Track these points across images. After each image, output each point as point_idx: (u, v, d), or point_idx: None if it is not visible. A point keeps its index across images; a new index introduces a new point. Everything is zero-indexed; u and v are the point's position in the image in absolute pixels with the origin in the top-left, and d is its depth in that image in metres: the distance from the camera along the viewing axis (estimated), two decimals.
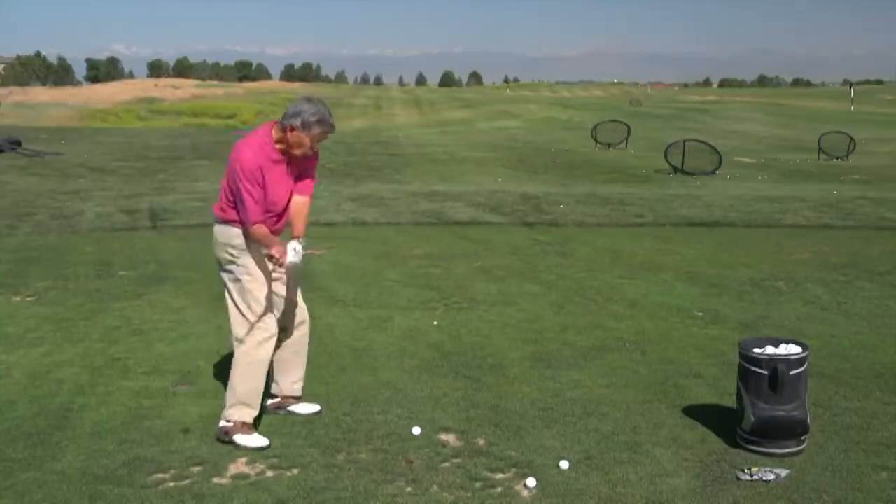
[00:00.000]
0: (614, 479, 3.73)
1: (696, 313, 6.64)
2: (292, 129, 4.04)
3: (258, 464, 3.89)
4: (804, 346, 4.14)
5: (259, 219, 4.05)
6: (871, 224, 11.86)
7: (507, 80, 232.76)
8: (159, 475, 3.77)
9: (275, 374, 4.48)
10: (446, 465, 3.88)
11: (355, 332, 6.07)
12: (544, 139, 31.79)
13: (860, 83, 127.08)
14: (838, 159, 24.41)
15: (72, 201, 13.21)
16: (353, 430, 4.28)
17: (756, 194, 15.18)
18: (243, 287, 4.17)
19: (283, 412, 4.48)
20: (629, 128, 29.13)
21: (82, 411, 4.53)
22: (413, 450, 4.03)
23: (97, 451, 4.01)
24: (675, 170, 19.52)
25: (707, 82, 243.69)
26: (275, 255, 4.05)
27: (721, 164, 19.90)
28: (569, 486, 3.67)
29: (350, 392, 4.83)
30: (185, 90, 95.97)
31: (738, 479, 3.73)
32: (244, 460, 3.93)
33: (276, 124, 4.14)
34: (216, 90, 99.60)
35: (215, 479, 3.73)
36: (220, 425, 4.16)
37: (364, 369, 5.24)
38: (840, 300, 7.13)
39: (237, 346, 4.20)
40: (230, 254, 4.18)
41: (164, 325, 6.23)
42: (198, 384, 4.97)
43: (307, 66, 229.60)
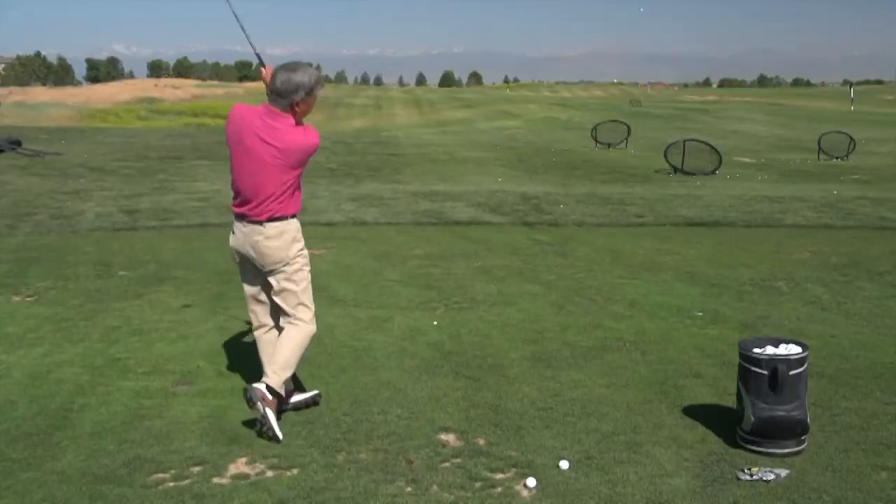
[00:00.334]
0: (614, 479, 3.73)
1: (696, 313, 6.64)
2: (297, 104, 4.16)
3: (258, 464, 3.89)
4: (804, 346, 4.14)
5: None
6: (871, 224, 11.86)
7: (507, 80, 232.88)
8: (159, 475, 3.77)
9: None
10: (446, 465, 3.88)
11: (355, 332, 6.07)
12: (544, 139, 31.78)
13: (860, 83, 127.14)
14: (838, 159, 24.41)
15: (72, 201, 13.21)
16: (353, 430, 4.28)
17: (756, 194, 15.18)
18: (307, 275, 4.40)
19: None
20: (629, 128, 29.13)
21: (82, 411, 4.53)
22: (413, 450, 4.03)
23: (97, 451, 4.01)
24: (675, 170, 19.52)
25: (707, 82, 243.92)
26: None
27: (721, 164, 19.91)
28: (569, 486, 3.67)
29: (350, 392, 4.83)
30: (185, 90, 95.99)
31: (738, 479, 3.73)
32: (244, 460, 3.93)
33: (270, 107, 4.20)
34: (216, 90, 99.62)
35: (215, 479, 3.73)
36: (279, 390, 4.22)
37: (364, 369, 5.24)
38: (840, 300, 7.13)
39: (299, 325, 4.35)
40: (298, 248, 4.34)
41: (164, 325, 6.22)
42: (198, 384, 4.97)
43: None
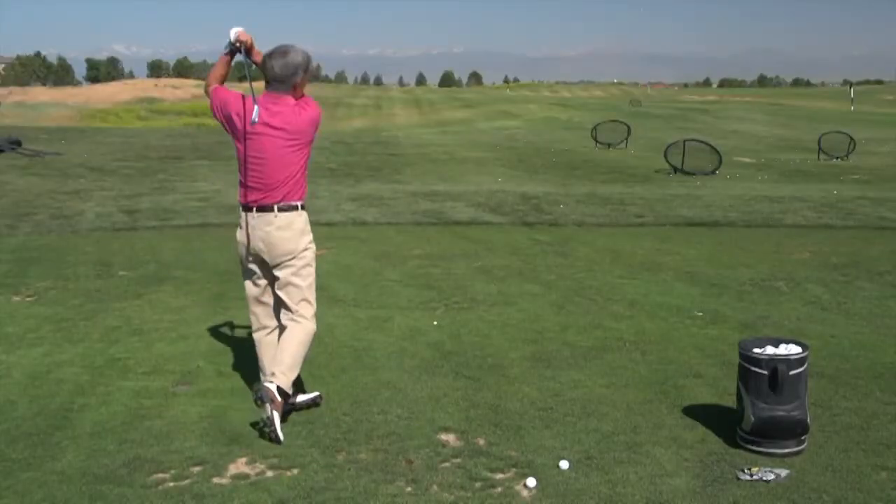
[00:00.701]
0: (614, 479, 3.73)
1: (696, 313, 6.64)
2: (298, 84, 4.20)
3: (258, 464, 3.89)
4: (804, 346, 4.14)
5: None
6: (871, 224, 11.86)
7: (507, 80, 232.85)
8: (159, 475, 3.77)
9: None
10: (446, 465, 3.88)
11: (355, 332, 6.07)
12: (544, 139, 31.77)
13: (860, 83, 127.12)
14: (838, 159, 24.41)
15: (72, 201, 13.21)
16: (353, 430, 4.28)
17: (756, 194, 15.17)
18: (313, 272, 4.39)
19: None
20: (629, 128, 29.12)
21: (82, 411, 4.53)
22: (413, 450, 4.03)
23: (97, 451, 4.01)
24: (675, 170, 19.52)
25: (707, 82, 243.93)
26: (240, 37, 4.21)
27: (721, 164, 19.91)
28: (569, 486, 3.67)
29: (350, 392, 4.83)
30: (185, 90, 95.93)
31: (738, 479, 3.73)
32: (244, 460, 3.93)
33: (269, 94, 4.22)
34: None
35: (215, 479, 3.73)
36: (287, 391, 4.23)
37: (364, 369, 5.24)
38: (840, 300, 7.13)
39: (302, 322, 4.33)
40: (307, 240, 4.35)
41: (164, 325, 6.22)
42: (198, 384, 4.97)
43: None
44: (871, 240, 10.47)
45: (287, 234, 4.26)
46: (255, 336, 4.56)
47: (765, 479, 3.71)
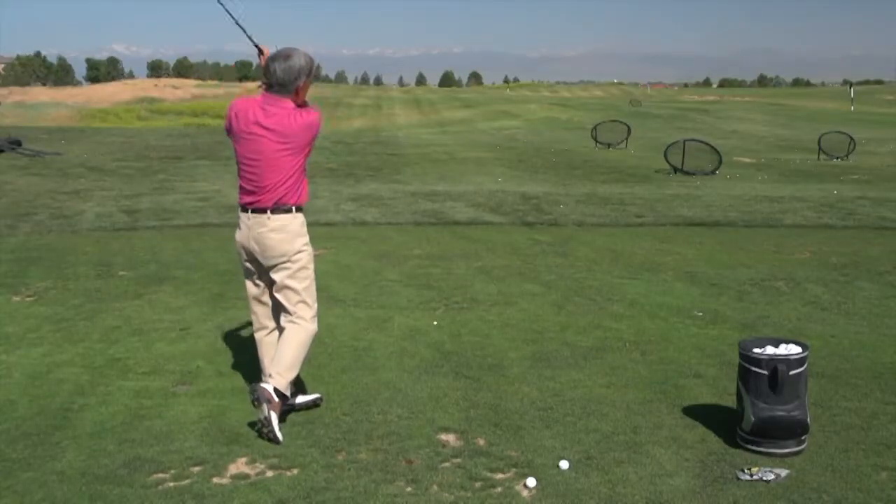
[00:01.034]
0: (614, 479, 3.73)
1: (696, 313, 6.64)
2: (299, 88, 4.19)
3: (258, 464, 3.89)
4: (804, 346, 4.14)
5: None
6: (871, 224, 11.85)
7: (506, 80, 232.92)
8: (159, 475, 3.77)
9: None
10: (446, 465, 3.88)
11: (355, 332, 6.07)
12: (544, 139, 31.78)
13: (860, 83, 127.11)
14: (838, 159, 24.40)
15: (72, 201, 13.21)
16: (353, 430, 4.28)
17: (756, 194, 15.17)
18: (311, 273, 4.37)
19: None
20: (629, 128, 29.11)
21: (82, 411, 4.53)
22: (413, 450, 4.03)
23: (97, 451, 4.01)
24: (675, 170, 19.51)
25: (707, 82, 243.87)
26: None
27: (721, 164, 19.90)
28: (569, 486, 3.67)
29: (350, 392, 4.83)
30: (185, 90, 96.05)
31: (738, 479, 3.73)
32: (244, 460, 3.93)
33: (269, 95, 4.22)
34: (216, 90, 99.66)
35: (215, 479, 3.73)
36: (285, 392, 4.22)
37: (364, 369, 5.24)
38: (840, 300, 7.13)
39: (300, 323, 4.32)
40: (304, 241, 4.33)
41: (164, 325, 6.22)
42: (198, 384, 4.97)
43: None
44: (871, 240, 10.47)
45: (281, 235, 4.25)
46: (256, 336, 4.57)
47: (765, 479, 3.71)
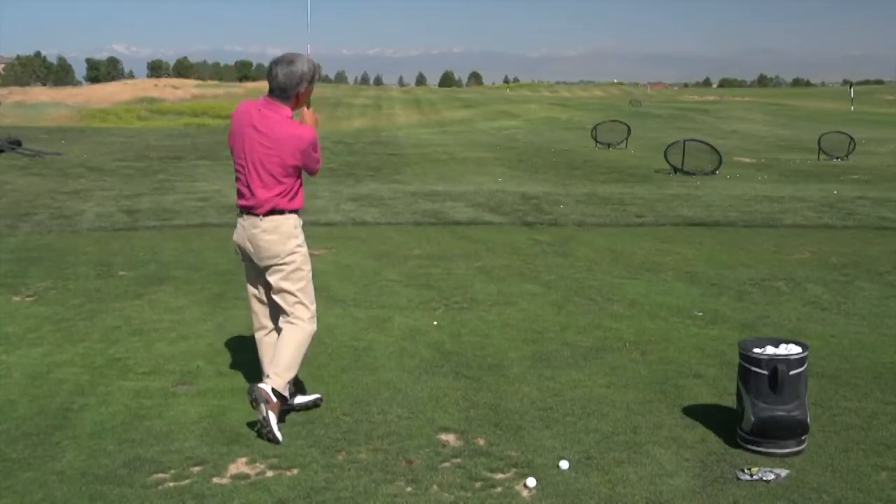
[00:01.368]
0: (614, 479, 3.73)
1: (696, 313, 6.64)
2: (298, 95, 4.19)
3: (258, 464, 3.89)
4: (804, 346, 4.14)
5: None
6: (871, 224, 11.86)
7: (507, 80, 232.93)
8: (159, 475, 3.77)
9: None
10: (446, 465, 3.88)
11: (355, 332, 6.07)
12: (544, 139, 31.78)
13: (860, 83, 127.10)
14: (838, 159, 24.40)
15: (72, 201, 13.21)
16: (353, 430, 4.28)
17: (756, 194, 15.18)
18: (306, 274, 4.35)
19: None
20: (629, 128, 29.11)
21: (82, 411, 4.53)
22: (413, 450, 4.03)
23: (97, 451, 4.01)
24: (675, 170, 19.51)
25: (707, 82, 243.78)
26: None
27: (721, 164, 19.90)
28: (569, 486, 3.67)
29: (350, 392, 4.83)
30: (185, 90, 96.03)
31: (738, 479, 3.73)
32: (244, 460, 3.93)
33: (269, 100, 4.21)
34: (216, 90, 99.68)
35: (215, 479, 3.73)
36: (283, 392, 4.22)
37: (364, 369, 5.24)
38: (840, 300, 7.13)
39: (298, 324, 4.32)
40: (296, 242, 4.31)
41: (164, 325, 6.22)
42: (198, 384, 4.97)
43: None
44: (871, 240, 10.47)
45: (273, 237, 4.25)
46: (256, 336, 4.57)
47: (765, 479, 3.71)
